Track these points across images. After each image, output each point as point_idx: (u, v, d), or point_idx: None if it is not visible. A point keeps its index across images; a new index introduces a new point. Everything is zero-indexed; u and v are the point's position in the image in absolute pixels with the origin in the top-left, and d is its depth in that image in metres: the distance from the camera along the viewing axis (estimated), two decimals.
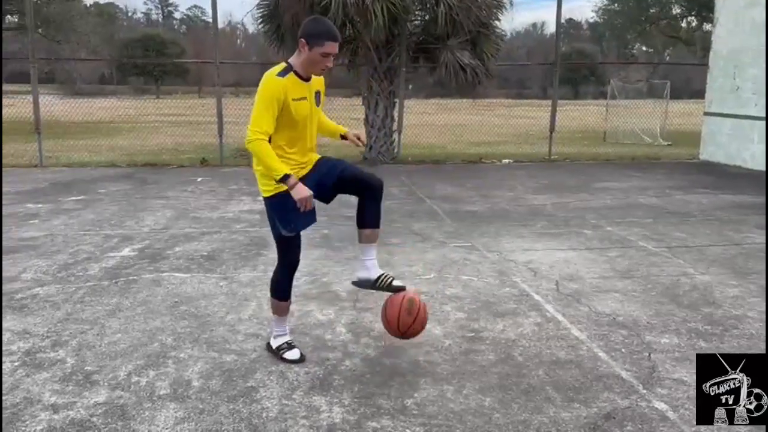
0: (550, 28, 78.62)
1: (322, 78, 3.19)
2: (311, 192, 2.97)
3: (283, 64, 3.03)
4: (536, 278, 4.62)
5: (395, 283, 3.27)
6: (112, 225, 6.32)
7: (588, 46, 58.86)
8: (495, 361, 3.24)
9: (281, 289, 3.23)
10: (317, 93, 3.15)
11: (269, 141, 2.97)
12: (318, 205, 3.18)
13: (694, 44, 29.02)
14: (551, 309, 3.98)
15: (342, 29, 11.20)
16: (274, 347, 3.29)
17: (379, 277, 3.26)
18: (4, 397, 2.82)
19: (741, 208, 7.23)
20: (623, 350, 3.37)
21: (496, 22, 11.25)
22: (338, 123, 3.48)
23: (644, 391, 2.91)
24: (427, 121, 17.16)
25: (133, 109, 26.46)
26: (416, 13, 11.33)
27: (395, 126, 11.41)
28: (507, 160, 11.86)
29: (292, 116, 2.98)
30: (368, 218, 3.23)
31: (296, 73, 2.99)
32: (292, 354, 3.23)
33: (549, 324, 3.74)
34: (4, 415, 2.67)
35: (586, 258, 5.15)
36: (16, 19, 23.59)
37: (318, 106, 3.18)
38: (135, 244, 5.56)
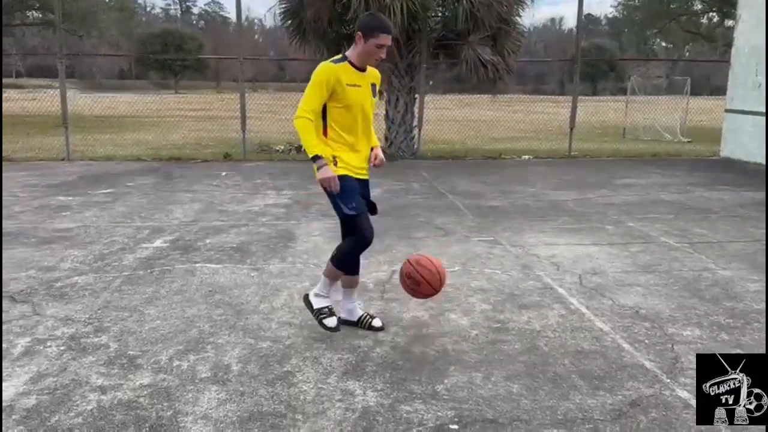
0: (569, 23, 78.05)
1: (377, 72, 3.49)
2: (334, 176, 3.22)
3: (339, 55, 3.38)
4: (559, 272, 4.70)
5: (375, 323, 3.57)
6: (142, 217, 6.49)
7: (607, 41, 58.41)
8: (521, 350, 3.34)
9: (350, 263, 3.44)
10: (373, 85, 3.42)
11: (325, 122, 3.31)
12: None
13: (715, 41, 28.71)
14: (575, 302, 4.07)
15: None
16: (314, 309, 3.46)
17: (362, 317, 3.61)
18: (53, 379, 2.98)
19: (762, 205, 7.24)
20: (646, 341, 3.45)
21: (517, 18, 11.30)
22: None
23: (668, 381, 3.00)
24: (446, 116, 17.24)
25: (154, 104, 26.74)
26: (437, 9, 11.40)
27: (415, 122, 11.49)
28: (527, 156, 11.91)
29: (346, 100, 3.26)
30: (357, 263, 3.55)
31: (351, 63, 3.31)
32: (331, 321, 3.41)
33: (573, 316, 3.83)
34: (55, 396, 2.83)
35: (609, 253, 5.23)
36: (40, 15, 23.95)
37: (374, 97, 3.43)
38: (166, 236, 5.72)
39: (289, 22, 11.26)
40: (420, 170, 9.84)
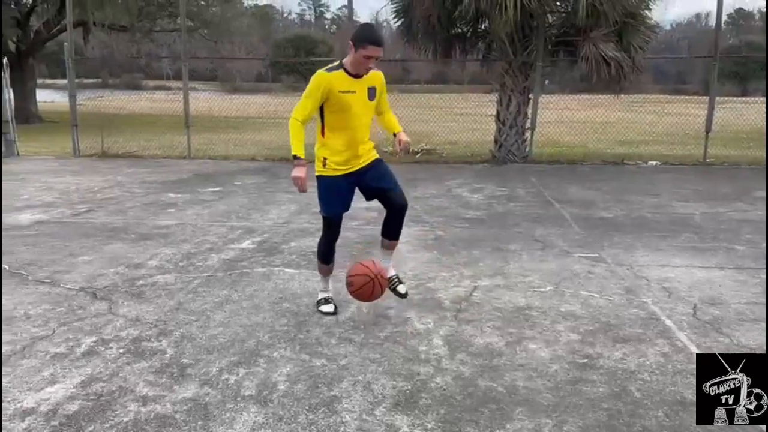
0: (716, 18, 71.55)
1: (380, 75, 3.60)
2: (304, 177, 3.47)
3: (337, 62, 3.54)
4: (670, 299, 4.08)
5: (399, 288, 3.86)
6: (239, 217, 6.56)
7: (760, 37, 52.88)
8: (607, 394, 2.85)
9: (322, 254, 3.83)
10: (371, 88, 3.55)
11: (323, 124, 3.56)
12: (433, 203, 3.03)
13: None
14: (683, 338, 3.47)
15: (476, 23, 10.90)
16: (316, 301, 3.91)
17: (391, 278, 3.85)
18: (102, 384, 2.93)
19: None
20: None
21: (646, 11, 10.33)
22: (470, 118, 3.66)
23: None
24: (569, 117, 16.29)
25: (281, 106, 27.76)
26: (556, 4, 10.70)
27: (528, 123, 10.88)
28: (653, 162, 10.89)
29: (339, 106, 3.46)
30: (395, 232, 3.80)
31: (345, 70, 3.46)
32: (327, 307, 3.80)
33: (678, 355, 3.24)
34: (98, 403, 2.77)
35: (735, 279, 4.48)
36: (179, 21, 25.66)
37: (372, 100, 3.57)
38: (255, 237, 5.70)
39: (400, 21, 11.07)
40: (529, 175, 9.25)
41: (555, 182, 8.73)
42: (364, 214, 6.65)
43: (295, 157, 3.48)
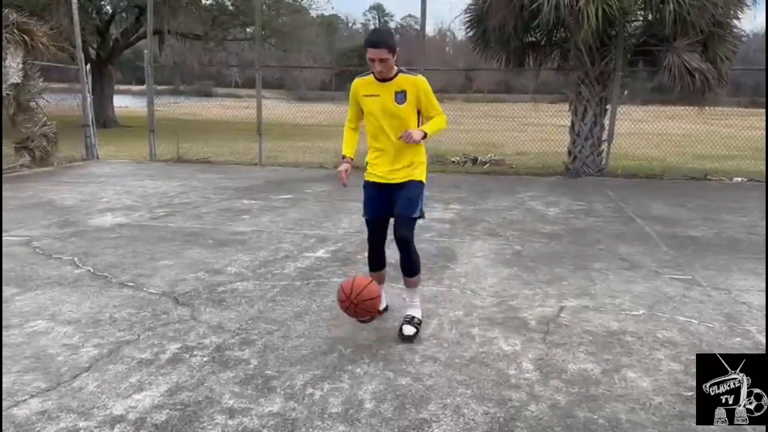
0: None
1: (417, 80, 3.48)
2: (343, 171, 3.62)
3: None
4: None
5: (404, 329, 3.59)
6: (311, 225, 6.56)
7: None
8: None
9: (368, 260, 3.94)
10: (400, 92, 3.48)
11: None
12: (507, 216, 2.88)
13: None
14: None
15: (553, 31, 10.63)
16: None
17: (407, 315, 3.74)
18: (189, 393, 2.91)
19: None
20: None
21: (735, 20, 9.81)
22: (538, 128, 3.48)
23: None
24: (644, 129, 15.70)
25: (344, 114, 27.99)
26: (638, 12, 10.31)
27: (605, 135, 10.50)
28: (739, 179, 10.31)
29: (365, 109, 3.57)
30: (403, 266, 3.77)
31: (374, 75, 3.48)
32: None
33: None
34: (186, 413, 2.74)
35: None
36: (251, 30, 26.27)
37: (400, 104, 3.48)
38: (329, 246, 5.67)
39: (473, 31, 10.92)
40: (605, 189, 8.90)
41: (634, 197, 8.37)
42: (437, 226, 6.54)
43: (343, 156, 3.74)
